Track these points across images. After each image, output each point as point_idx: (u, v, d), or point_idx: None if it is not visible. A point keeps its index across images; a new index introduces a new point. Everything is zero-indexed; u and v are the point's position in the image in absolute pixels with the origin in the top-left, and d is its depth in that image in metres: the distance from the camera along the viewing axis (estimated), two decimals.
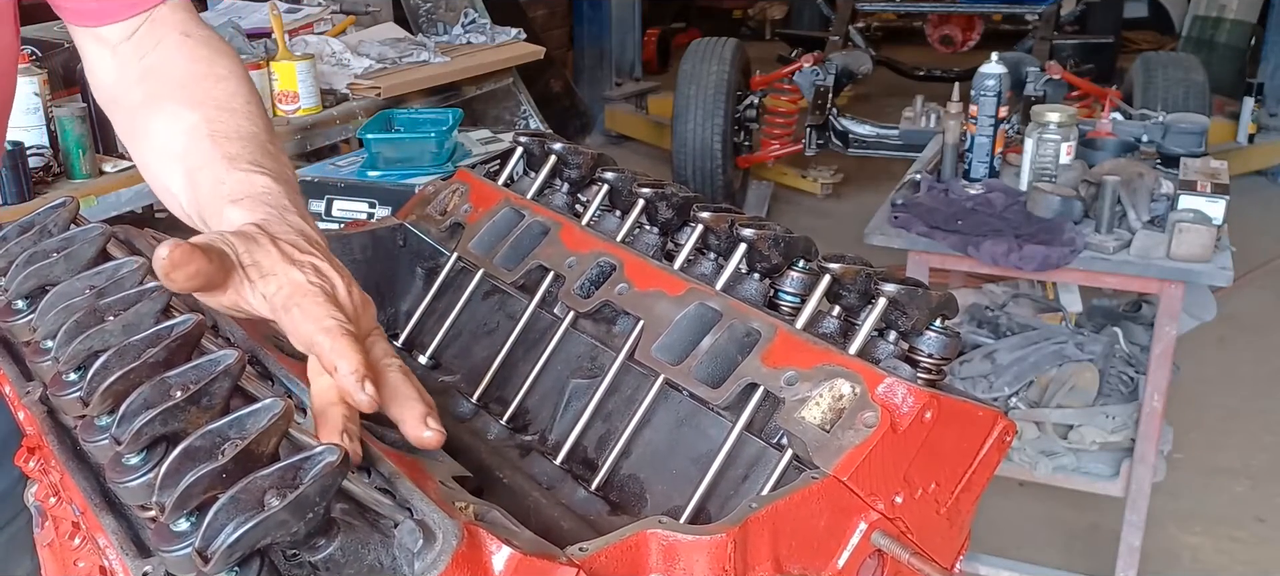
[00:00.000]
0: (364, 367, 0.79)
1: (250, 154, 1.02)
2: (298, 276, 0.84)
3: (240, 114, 1.08)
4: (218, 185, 0.99)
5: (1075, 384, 3.07)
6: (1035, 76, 4.90)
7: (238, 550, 0.60)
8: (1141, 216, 2.80)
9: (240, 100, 1.10)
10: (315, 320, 0.81)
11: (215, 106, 1.08)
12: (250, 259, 0.84)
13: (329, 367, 0.80)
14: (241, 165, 1.00)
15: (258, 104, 1.13)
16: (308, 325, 0.81)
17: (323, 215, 2.98)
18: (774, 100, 5.99)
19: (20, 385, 0.92)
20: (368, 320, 0.88)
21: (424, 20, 5.18)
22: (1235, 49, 7.30)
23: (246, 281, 0.84)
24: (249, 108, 1.10)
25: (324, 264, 0.87)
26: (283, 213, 0.93)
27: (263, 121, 1.10)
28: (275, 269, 0.84)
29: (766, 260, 1.01)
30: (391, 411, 0.83)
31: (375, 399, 0.79)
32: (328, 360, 0.80)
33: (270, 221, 0.91)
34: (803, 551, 0.81)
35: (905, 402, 0.85)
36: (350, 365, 0.79)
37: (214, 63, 1.15)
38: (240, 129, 1.06)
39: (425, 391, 0.86)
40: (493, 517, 0.74)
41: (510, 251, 1.16)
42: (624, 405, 1.04)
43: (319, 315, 0.82)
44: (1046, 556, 3.27)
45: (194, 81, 1.13)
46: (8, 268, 0.97)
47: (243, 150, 1.02)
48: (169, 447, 0.69)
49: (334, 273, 0.87)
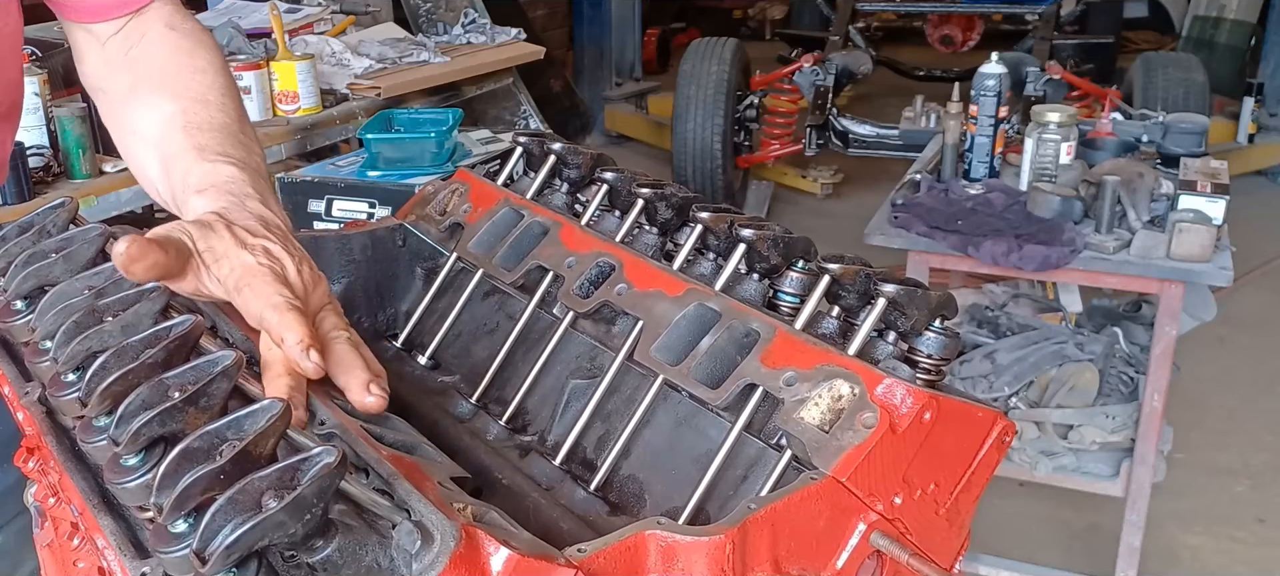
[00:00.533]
0: (309, 339, 0.85)
1: (219, 144, 1.09)
2: (248, 259, 0.91)
3: (214, 105, 1.15)
4: (186, 175, 1.06)
5: (1075, 384, 3.07)
6: (1035, 76, 4.91)
7: (236, 551, 0.60)
8: (1141, 216, 2.80)
9: (216, 92, 1.17)
10: (264, 298, 0.88)
11: (191, 98, 1.15)
12: (205, 245, 0.91)
13: (277, 340, 0.86)
14: (210, 155, 1.07)
15: (233, 95, 1.20)
16: (257, 303, 0.88)
17: (323, 215, 2.98)
18: (774, 100, 6.00)
19: (19, 385, 0.92)
20: (319, 296, 0.95)
21: (424, 20, 5.19)
22: (1235, 49, 7.31)
23: (202, 267, 0.91)
24: (224, 99, 1.17)
25: (276, 246, 0.94)
26: (243, 200, 1.00)
27: (236, 112, 1.17)
28: (228, 253, 0.91)
29: (766, 260, 1.00)
30: (338, 379, 0.90)
31: (320, 367, 0.85)
32: (275, 333, 0.86)
33: (230, 209, 0.98)
34: (802, 552, 0.81)
35: (904, 403, 0.85)
36: (296, 337, 0.85)
37: (195, 55, 1.21)
38: (212, 120, 1.13)
39: (375, 360, 0.92)
40: (491, 518, 0.74)
41: (510, 251, 1.16)
42: (623, 405, 1.04)
43: (268, 293, 0.88)
44: (1046, 556, 3.27)
45: (174, 73, 1.19)
46: (7, 268, 0.97)
47: (212, 141, 1.10)
48: (167, 448, 0.69)
49: (285, 254, 0.94)
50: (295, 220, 3.21)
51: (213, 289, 0.91)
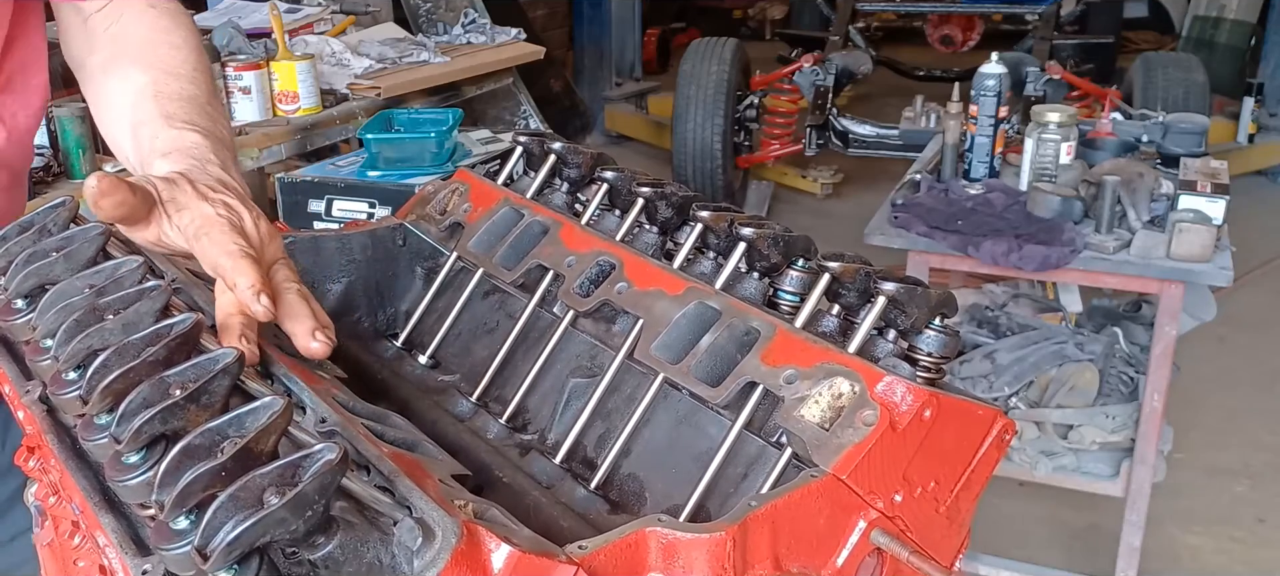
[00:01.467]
0: (260, 284, 0.91)
1: (186, 114, 1.16)
2: (208, 210, 0.98)
3: (185, 78, 1.22)
4: (154, 140, 1.13)
5: (1075, 384, 3.07)
6: (1035, 76, 4.91)
7: (237, 548, 0.60)
8: (1141, 216, 2.80)
9: (188, 66, 1.24)
10: (220, 245, 0.94)
11: (163, 70, 1.22)
12: (169, 196, 0.98)
13: (230, 285, 0.92)
14: (176, 123, 1.14)
15: (204, 71, 1.27)
16: (214, 250, 0.94)
17: (323, 215, 2.98)
18: (774, 100, 6.00)
19: (20, 384, 0.92)
20: (273, 249, 1.01)
21: (424, 20, 5.19)
22: (1235, 49, 7.31)
23: (165, 216, 0.98)
24: (195, 73, 1.24)
25: (234, 201, 1.01)
26: (205, 164, 1.07)
27: (206, 86, 1.24)
28: (190, 204, 0.98)
29: (766, 259, 1.01)
30: (286, 326, 0.95)
31: (270, 310, 0.91)
32: (229, 278, 0.92)
33: (192, 170, 1.05)
34: (802, 549, 0.81)
35: (904, 401, 0.85)
36: (248, 281, 0.91)
37: (171, 32, 1.28)
38: (182, 91, 1.19)
39: (321, 311, 0.98)
40: (492, 516, 0.74)
41: (510, 251, 1.16)
42: (623, 404, 1.04)
43: (224, 242, 0.95)
44: (1046, 556, 3.27)
45: (150, 47, 1.26)
46: (7, 267, 0.97)
47: (180, 110, 1.16)
48: (168, 446, 0.69)
49: (242, 208, 1.01)
50: (295, 220, 3.20)
51: (173, 238, 0.98)
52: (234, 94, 3.43)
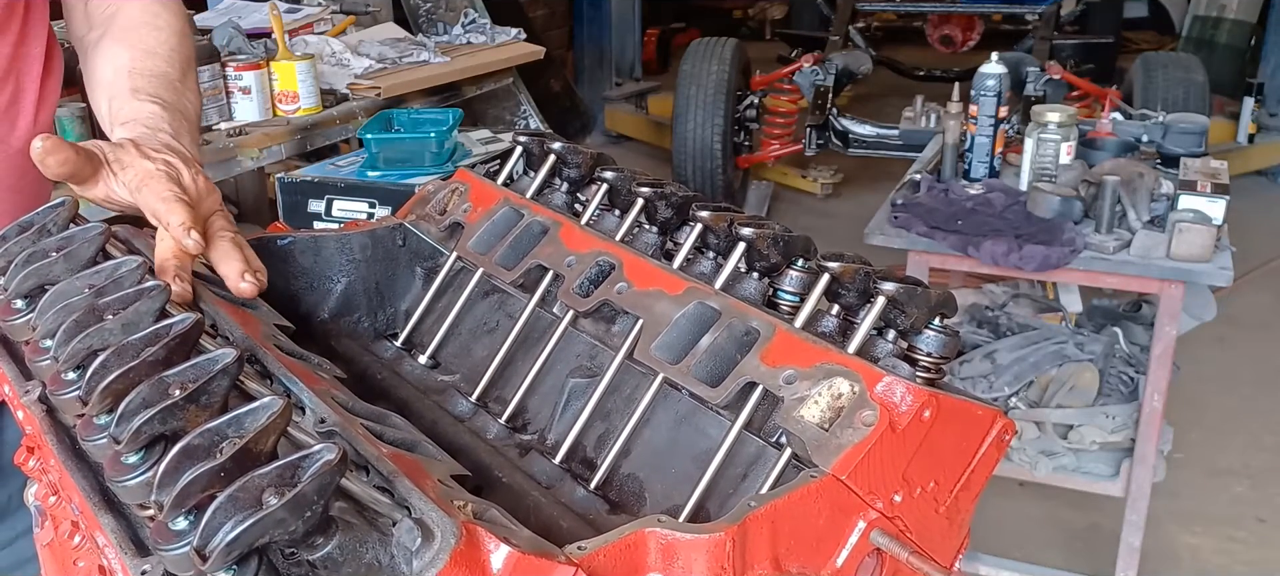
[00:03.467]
0: (190, 222, 1.02)
1: (153, 88, 1.26)
2: (148, 165, 1.08)
3: (161, 57, 1.31)
4: (119, 111, 1.23)
5: (1075, 384, 3.07)
6: (1035, 76, 4.91)
7: (236, 548, 0.60)
8: (1141, 216, 2.80)
9: (165, 48, 1.33)
10: (157, 193, 1.05)
11: (143, 50, 1.32)
12: (115, 156, 1.09)
13: (165, 225, 1.03)
14: (141, 97, 1.24)
15: (182, 53, 1.36)
16: (152, 198, 1.05)
17: (323, 215, 2.98)
18: (774, 100, 5.99)
19: (19, 384, 0.92)
20: (211, 203, 1.12)
21: (424, 20, 5.18)
22: (1235, 49, 7.30)
23: (111, 174, 1.08)
24: (172, 55, 1.33)
25: (174, 160, 1.11)
26: (155, 132, 1.18)
27: (180, 67, 1.33)
28: (133, 162, 1.08)
29: (765, 259, 1.00)
30: (218, 267, 1.06)
31: (200, 243, 1.02)
32: (164, 219, 1.03)
33: (142, 137, 1.16)
34: (802, 550, 0.80)
35: (904, 401, 0.85)
36: (179, 219, 1.02)
37: (159, 17, 1.37)
38: (155, 69, 1.29)
39: (254, 255, 1.08)
40: (491, 516, 0.74)
41: (509, 251, 1.16)
42: (623, 404, 1.04)
43: (161, 190, 1.05)
44: (1046, 556, 3.27)
45: (136, 28, 1.35)
46: (7, 267, 0.97)
47: (147, 85, 1.26)
48: (167, 446, 0.69)
49: (181, 165, 1.11)
50: (295, 220, 3.19)
51: (119, 193, 1.08)
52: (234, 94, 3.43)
